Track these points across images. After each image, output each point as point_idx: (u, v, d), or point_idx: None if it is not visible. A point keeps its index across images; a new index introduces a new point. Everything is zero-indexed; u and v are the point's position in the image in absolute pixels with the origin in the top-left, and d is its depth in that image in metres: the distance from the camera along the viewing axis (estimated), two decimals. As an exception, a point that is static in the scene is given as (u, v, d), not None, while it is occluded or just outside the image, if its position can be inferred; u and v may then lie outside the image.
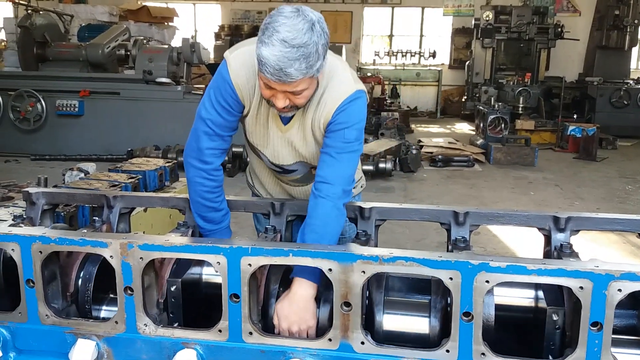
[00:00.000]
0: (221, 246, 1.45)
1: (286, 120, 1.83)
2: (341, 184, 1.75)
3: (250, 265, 1.44)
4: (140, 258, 1.49)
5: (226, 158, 6.78)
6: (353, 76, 1.83)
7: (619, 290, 1.34)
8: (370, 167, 6.55)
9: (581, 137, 8.41)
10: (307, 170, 1.99)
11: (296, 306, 1.56)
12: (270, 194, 2.15)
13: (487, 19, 11.42)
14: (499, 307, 1.54)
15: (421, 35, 14.56)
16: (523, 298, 1.68)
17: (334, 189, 1.73)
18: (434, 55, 13.43)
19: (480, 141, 8.66)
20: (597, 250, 4.26)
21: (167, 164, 3.87)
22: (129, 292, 1.51)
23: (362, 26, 14.51)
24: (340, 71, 1.79)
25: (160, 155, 6.62)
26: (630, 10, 10.90)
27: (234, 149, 6.70)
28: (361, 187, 2.23)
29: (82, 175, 3.58)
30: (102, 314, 1.75)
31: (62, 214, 2.64)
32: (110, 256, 1.50)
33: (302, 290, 1.57)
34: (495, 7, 11.62)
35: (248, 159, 2.19)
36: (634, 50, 12.16)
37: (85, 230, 1.81)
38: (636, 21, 10.94)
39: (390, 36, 14.68)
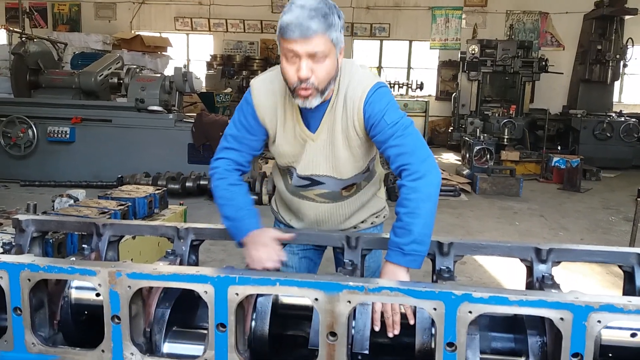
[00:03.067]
0: (209, 275, 1.47)
1: (314, 128, 1.88)
2: (420, 159, 1.74)
3: (237, 294, 1.46)
4: (128, 287, 1.50)
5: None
6: (372, 73, 1.93)
7: (599, 321, 1.38)
8: (359, 196, 6.59)
9: (565, 169, 8.54)
10: (336, 189, 2.03)
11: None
12: (297, 215, 2.15)
13: (473, 52, 11.67)
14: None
15: (409, 68, 14.83)
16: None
17: (416, 166, 1.73)
18: (421, 86, 13.65)
19: (466, 171, 8.77)
20: (580, 280, 4.31)
21: (157, 191, 3.88)
22: (116, 320, 1.52)
23: (351, 58, 14.75)
24: (360, 69, 1.88)
25: (150, 183, 6.63)
26: (612, 46, 11.19)
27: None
28: (384, 217, 2.29)
29: (72, 202, 3.58)
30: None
31: (51, 240, 2.64)
32: (99, 284, 1.52)
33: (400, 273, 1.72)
34: (480, 41, 11.87)
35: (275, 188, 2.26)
36: (616, 83, 12.46)
37: (74, 258, 1.82)
38: (618, 56, 11.22)
39: (379, 68, 14.93)
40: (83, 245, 1.93)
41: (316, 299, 1.44)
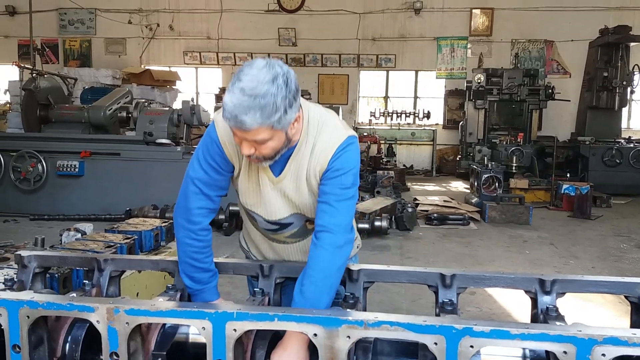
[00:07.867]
0: (206, 311, 1.46)
1: (277, 172, 1.85)
2: (342, 232, 1.77)
3: (235, 330, 1.45)
4: (127, 323, 1.50)
5: (223, 217, 6.81)
6: (343, 124, 1.88)
7: (603, 354, 1.35)
8: (366, 226, 6.56)
9: (575, 196, 8.47)
10: (302, 223, 1.99)
11: (288, 353, 1.58)
12: (266, 257, 2.14)
13: (479, 81, 11.73)
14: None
15: (415, 97, 14.92)
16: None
17: (336, 237, 1.75)
18: (428, 115, 13.72)
19: (475, 199, 8.72)
20: (591, 310, 4.23)
21: (164, 224, 3.88)
22: (115, 357, 1.51)
23: (358, 88, 14.90)
24: (330, 120, 1.83)
25: (158, 215, 6.65)
26: (619, 73, 11.20)
27: (230, 208, 6.74)
28: (357, 247, 2.22)
29: (79, 235, 3.60)
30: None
31: (57, 275, 2.64)
32: (97, 321, 1.51)
33: (295, 337, 1.59)
34: (486, 70, 11.93)
35: (243, 224, 2.23)
36: (624, 110, 12.43)
37: (74, 294, 1.82)
38: (624, 83, 11.23)
39: (386, 97, 15.04)
40: (84, 281, 1.93)
41: (315, 335, 1.43)
